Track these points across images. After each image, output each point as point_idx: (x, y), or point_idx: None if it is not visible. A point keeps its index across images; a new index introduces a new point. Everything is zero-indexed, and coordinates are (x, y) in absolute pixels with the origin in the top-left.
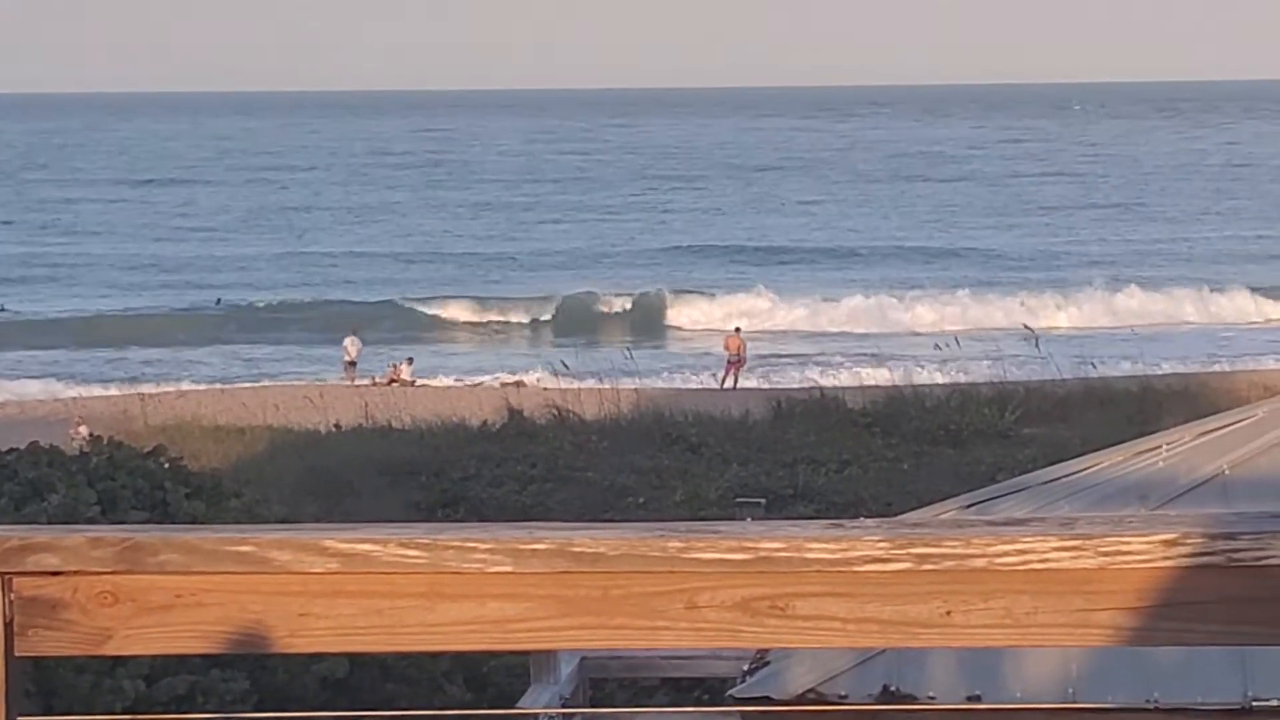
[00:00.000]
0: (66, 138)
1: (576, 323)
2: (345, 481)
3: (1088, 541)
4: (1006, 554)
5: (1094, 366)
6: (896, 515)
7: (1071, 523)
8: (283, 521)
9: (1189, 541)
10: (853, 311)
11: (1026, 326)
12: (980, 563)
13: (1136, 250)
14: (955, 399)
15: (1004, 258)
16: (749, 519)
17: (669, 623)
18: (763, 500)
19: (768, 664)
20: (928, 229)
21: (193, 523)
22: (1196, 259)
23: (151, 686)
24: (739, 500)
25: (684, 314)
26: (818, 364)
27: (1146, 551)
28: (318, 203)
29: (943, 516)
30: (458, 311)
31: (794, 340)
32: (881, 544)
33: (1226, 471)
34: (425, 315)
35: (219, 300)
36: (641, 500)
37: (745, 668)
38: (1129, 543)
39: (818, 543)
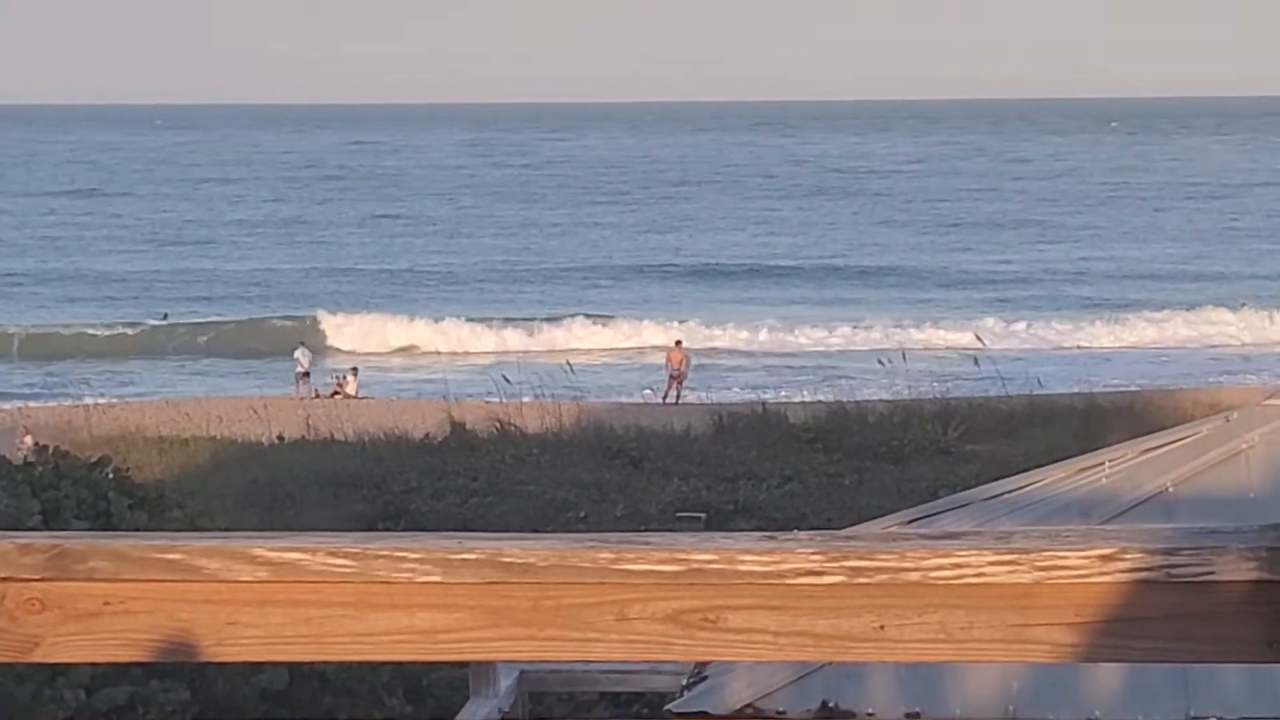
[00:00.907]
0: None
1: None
2: (287, 493)
3: (1024, 556)
4: (941, 568)
5: (1039, 383)
6: (836, 530)
7: (1008, 537)
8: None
9: (1127, 557)
10: (792, 328)
11: (977, 336)
12: (914, 576)
13: (1077, 269)
14: (898, 415)
15: (940, 275)
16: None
17: (600, 634)
18: (703, 515)
19: (705, 679)
20: (858, 245)
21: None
22: (1133, 278)
23: (91, 696)
24: (680, 515)
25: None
26: (758, 380)
27: (1084, 566)
28: (216, 218)
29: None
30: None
31: (734, 357)
32: (815, 557)
33: (1170, 489)
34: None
35: (165, 315)
36: (583, 514)
37: (684, 682)
38: (1066, 557)
39: (750, 555)
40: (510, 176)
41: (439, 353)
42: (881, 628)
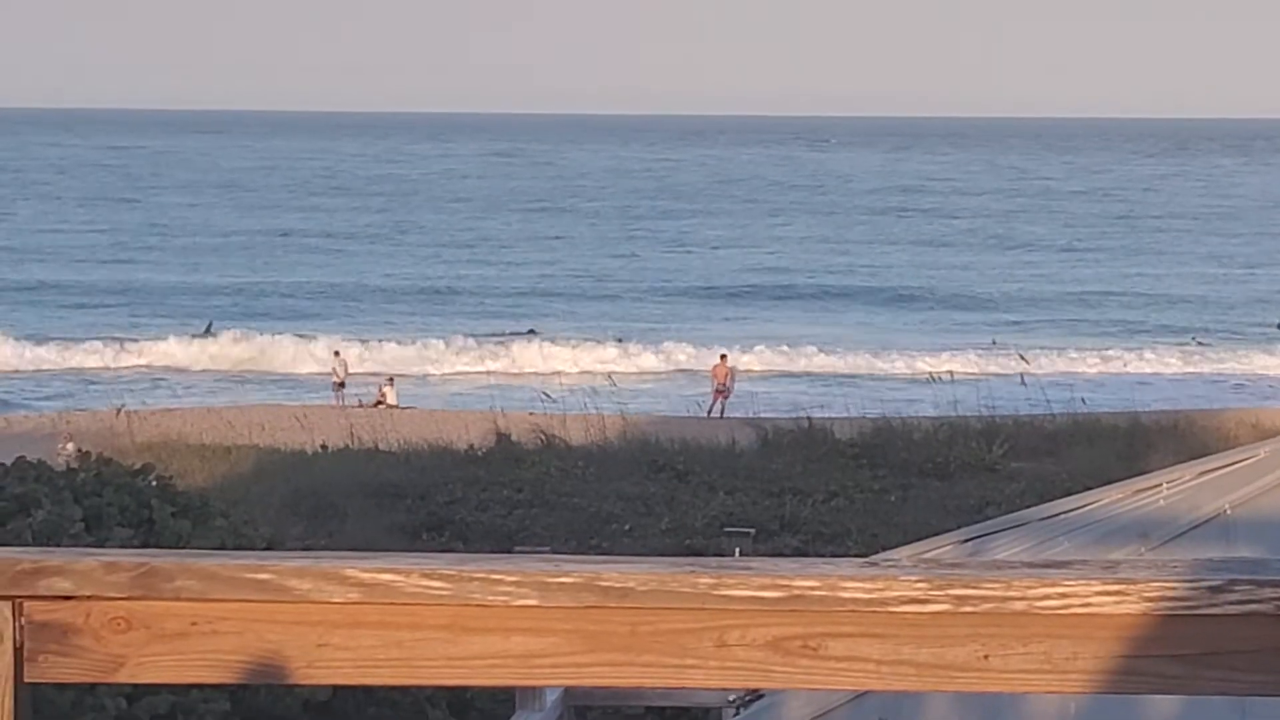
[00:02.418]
0: None
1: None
2: (331, 503)
3: (1131, 586)
4: (1048, 597)
5: (1083, 402)
6: (884, 548)
7: (1114, 566)
8: (269, 542)
9: (1237, 589)
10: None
11: (1022, 356)
12: (1020, 605)
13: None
14: (943, 431)
15: (982, 296)
16: (738, 549)
17: (698, 661)
18: (752, 530)
19: (761, 695)
20: (899, 265)
21: (178, 541)
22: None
23: (132, 704)
24: (727, 530)
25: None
26: (802, 398)
27: (1192, 598)
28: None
29: (935, 553)
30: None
31: (775, 378)
32: (919, 584)
33: (1228, 511)
34: None
35: (209, 324)
36: (628, 527)
37: (730, 698)
38: (1174, 588)
39: (853, 581)
40: (528, 189)
41: (487, 371)
42: (986, 657)
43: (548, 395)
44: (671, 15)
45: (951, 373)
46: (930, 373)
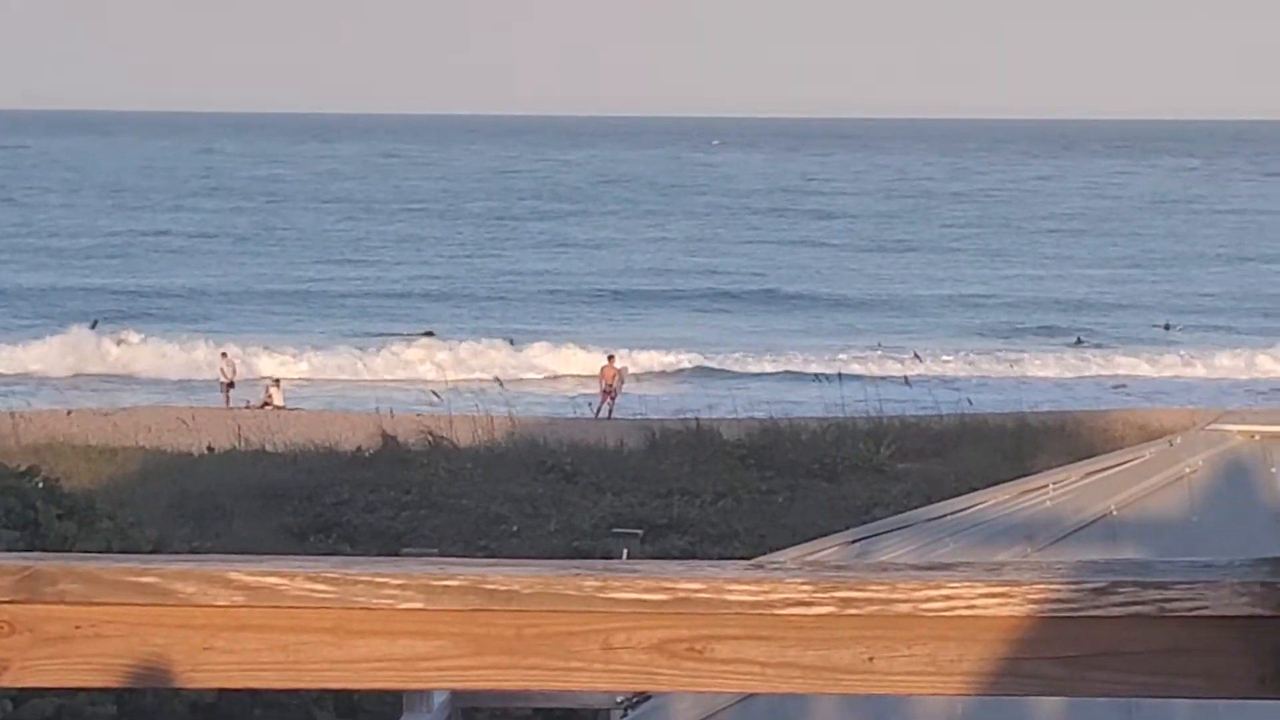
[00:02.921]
0: None
1: None
2: (218, 504)
3: (1015, 588)
4: (932, 599)
5: (969, 403)
6: (772, 549)
7: (999, 568)
8: (156, 544)
9: (1120, 590)
10: (725, 350)
11: (916, 355)
12: (905, 608)
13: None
14: (831, 433)
15: (872, 299)
16: (626, 551)
17: (584, 664)
18: (640, 531)
19: (648, 698)
20: (787, 267)
21: (64, 544)
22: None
23: (19, 707)
24: (615, 531)
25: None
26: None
27: (1076, 600)
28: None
29: (821, 555)
30: None
31: (664, 379)
32: (804, 587)
33: (1114, 512)
34: None
35: (95, 323)
36: (515, 529)
37: (618, 700)
38: (1058, 590)
39: (738, 584)
40: (412, 190)
41: (385, 379)
42: (871, 660)
43: (436, 396)
44: (560, 16)
45: (840, 374)
46: (817, 374)
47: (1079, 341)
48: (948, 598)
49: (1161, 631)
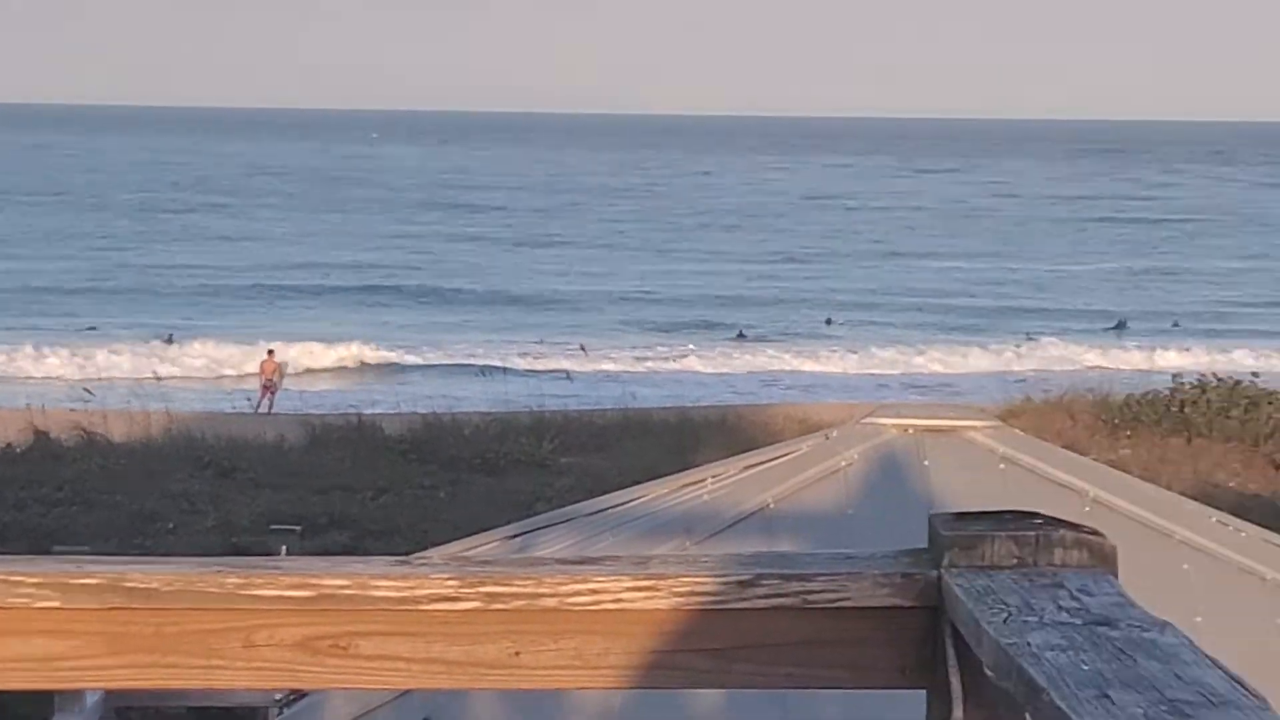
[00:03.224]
0: None
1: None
2: None
3: (661, 582)
4: (578, 594)
5: (633, 397)
6: (434, 543)
7: (645, 562)
8: None
9: (763, 583)
10: (393, 346)
11: (582, 347)
12: (551, 602)
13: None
14: (494, 427)
15: (538, 296)
16: (284, 547)
17: (225, 661)
18: (298, 527)
19: (305, 695)
20: (456, 262)
21: None
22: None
23: None
24: (273, 528)
25: None
26: (354, 395)
27: (721, 593)
28: None
29: (480, 549)
30: None
31: (327, 375)
32: (450, 582)
33: (771, 505)
34: None
35: None
36: (172, 526)
37: (276, 698)
38: (703, 583)
39: (384, 580)
40: (55, 183)
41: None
42: (517, 654)
43: (88, 392)
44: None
45: (504, 368)
46: (481, 367)
47: (741, 336)
48: (594, 591)
49: (805, 623)
